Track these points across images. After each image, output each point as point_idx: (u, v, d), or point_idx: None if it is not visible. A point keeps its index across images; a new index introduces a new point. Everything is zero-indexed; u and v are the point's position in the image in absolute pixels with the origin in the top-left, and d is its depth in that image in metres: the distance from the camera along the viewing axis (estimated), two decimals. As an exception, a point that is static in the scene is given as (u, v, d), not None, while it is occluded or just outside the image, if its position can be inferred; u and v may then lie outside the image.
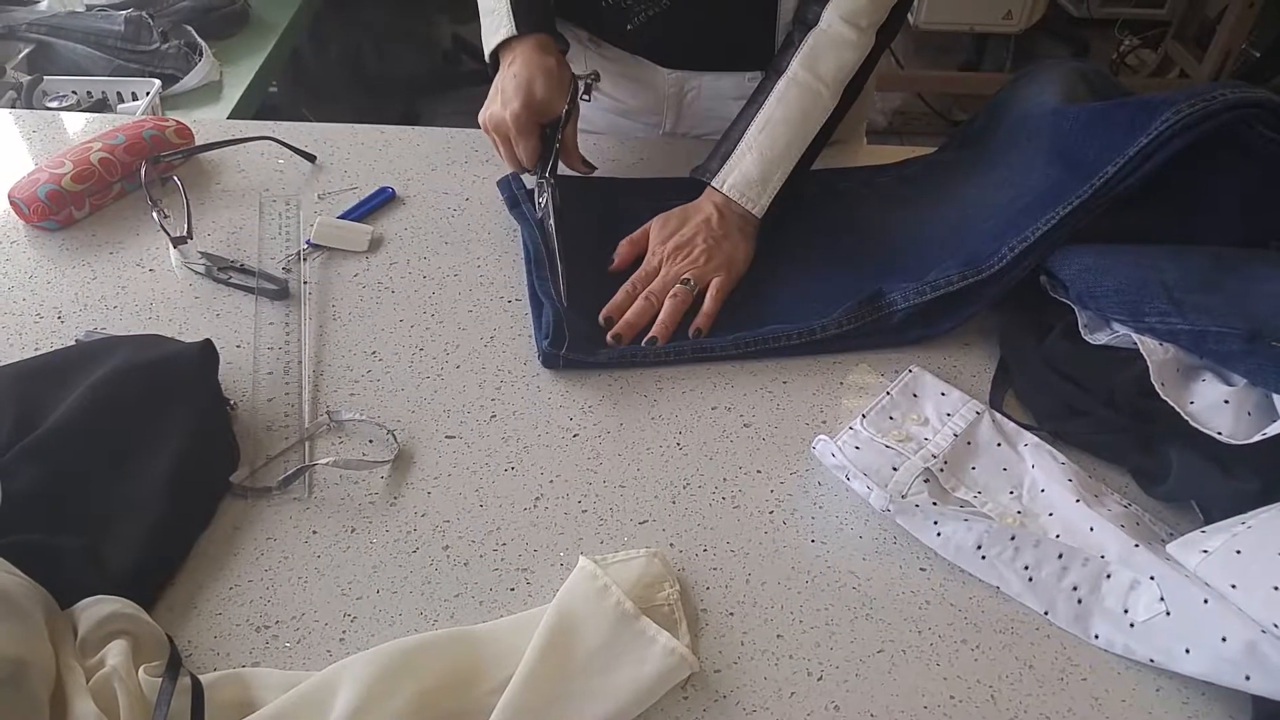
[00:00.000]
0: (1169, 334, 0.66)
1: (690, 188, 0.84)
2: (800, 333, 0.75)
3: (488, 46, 0.85)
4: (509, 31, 0.82)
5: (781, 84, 0.82)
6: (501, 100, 0.81)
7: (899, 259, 0.81)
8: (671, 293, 0.77)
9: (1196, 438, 0.63)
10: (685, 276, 0.78)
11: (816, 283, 0.81)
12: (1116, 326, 0.70)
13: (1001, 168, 0.83)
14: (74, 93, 1.42)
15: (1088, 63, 0.89)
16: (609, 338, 0.75)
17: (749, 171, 0.81)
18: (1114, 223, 0.73)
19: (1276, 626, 0.50)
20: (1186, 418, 0.63)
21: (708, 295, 0.78)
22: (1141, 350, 0.66)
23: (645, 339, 0.75)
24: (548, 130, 0.83)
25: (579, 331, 0.73)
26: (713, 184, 0.82)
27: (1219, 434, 0.62)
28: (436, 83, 2.75)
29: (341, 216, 0.88)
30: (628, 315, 0.76)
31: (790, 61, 0.82)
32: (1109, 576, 0.58)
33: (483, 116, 0.84)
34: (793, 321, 0.75)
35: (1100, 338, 0.71)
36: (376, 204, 0.90)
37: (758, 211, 0.81)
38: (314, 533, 0.62)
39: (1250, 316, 0.64)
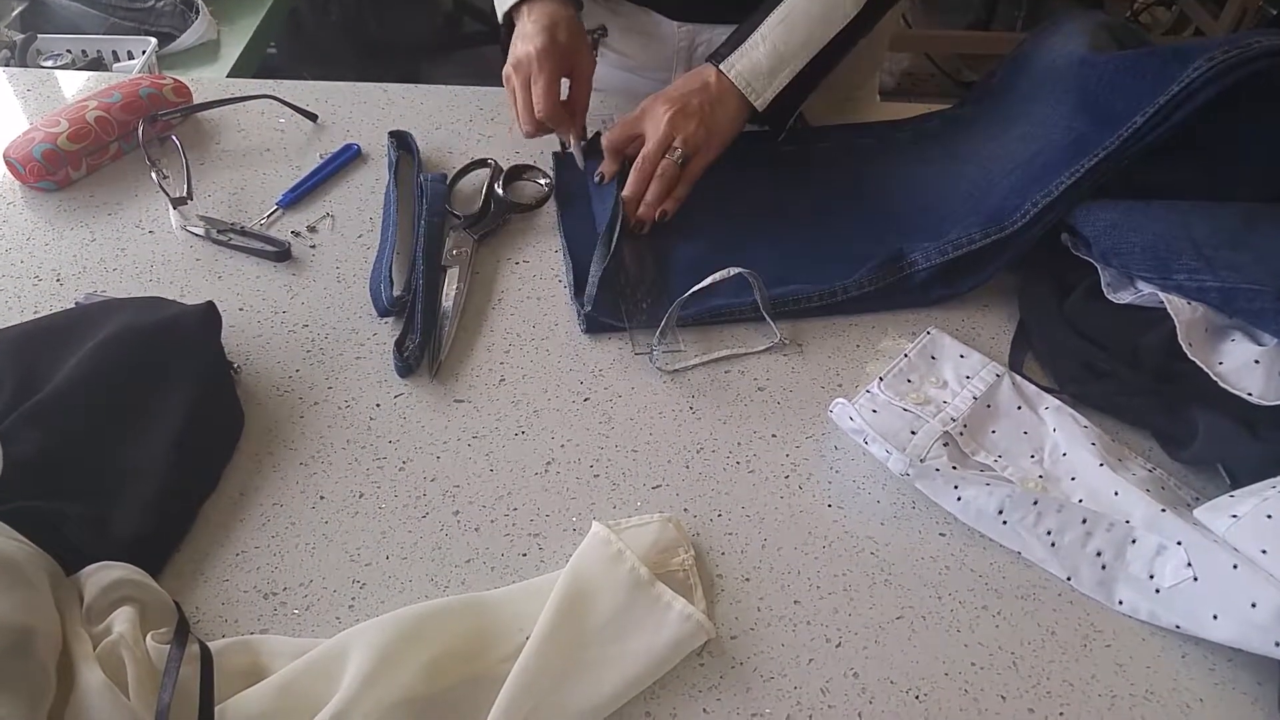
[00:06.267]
0: (1198, 292, 0.64)
1: None
2: (821, 294, 0.73)
3: (501, 7, 0.82)
4: None
5: None
6: (523, 41, 0.79)
7: (919, 217, 0.79)
8: (659, 171, 0.77)
9: (1223, 399, 0.61)
10: (674, 145, 0.77)
11: (835, 242, 0.79)
12: (1141, 285, 0.68)
13: (1024, 121, 0.81)
14: (68, 51, 1.40)
15: (1112, 16, 0.86)
16: (633, 225, 0.77)
17: (759, 61, 0.78)
18: (1140, 177, 0.71)
19: (1309, 592, 0.49)
20: (1215, 379, 0.61)
21: (681, 178, 0.78)
22: (1169, 309, 0.64)
23: (633, 223, 0.78)
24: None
25: (604, 299, 0.72)
26: (720, 66, 0.79)
27: (1249, 395, 0.60)
28: (438, 44, 2.70)
29: (308, 177, 0.85)
30: (626, 189, 0.78)
31: None
32: (1134, 542, 0.57)
33: (506, 67, 0.82)
34: (811, 282, 0.73)
35: (1124, 297, 0.69)
36: (342, 163, 0.87)
37: (760, 104, 0.79)
38: (321, 498, 0.61)
39: (1282, 274, 0.62)
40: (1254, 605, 0.51)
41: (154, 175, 0.82)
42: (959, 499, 0.60)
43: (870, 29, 0.82)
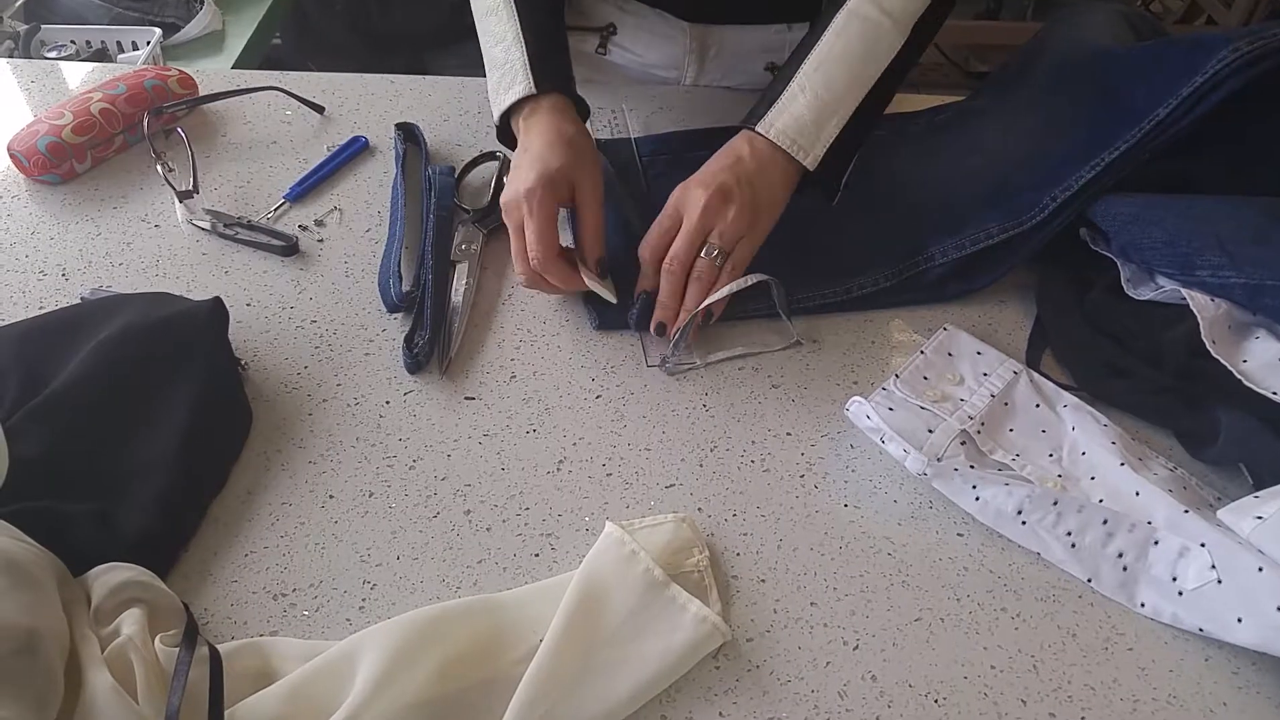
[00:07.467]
0: (1221, 288, 0.63)
1: (721, 138, 0.73)
2: (836, 291, 0.72)
3: (497, 107, 0.73)
4: (526, 89, 0.70)
5: (841, 17, 0.69)
6: (515, 174, 0.69)
7: (935, 212, 0.77)
8: (695, 274, 0.67)
9: (1246, 398, 0.60)
10: (711, 241, 0.67)
11: (850, 237, 0.77)
12: (1163, 281, 0.67)
13: (1041, 113, 0.79)
14: (72, 42, 1.39)
15: (1129, 6, 0.85)
16: (652, 327, 0.68)
17: (801, 114, 0.68)
18: (1161, 171, 0.69)
19: (1338, 596, 0.48)
20: (1240, 377, 0.60)
21: (724, 272, 0.67)
22: (1191, 306, 0.63)
23: (670, 331, 0.68)
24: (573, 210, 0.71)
25: (609, 313, 0.71)
26: (757, 129, 0.68)
27: (1273, 394, 0.59)
28: (444, 35, 2.68)
29: (315, 170, 0.84)
30: (660, 298, 0.68)
31: None
32: (1156, 543, 0.56)
33: (500, 201, 0.71)
34: (826, 277, 0.72)
35: (1145, 293, 0.68)
36: (349, 155, 0.86)
37: (810, 163, 0.68)
38: (330, 497, 0.60)
39: (1307, 271, 0.61)
40: (1279, 608, 0.50)
41: (159, 168, 0.81)
42: (977, 499, 0.59)
43: (920, 56, 0.73)
